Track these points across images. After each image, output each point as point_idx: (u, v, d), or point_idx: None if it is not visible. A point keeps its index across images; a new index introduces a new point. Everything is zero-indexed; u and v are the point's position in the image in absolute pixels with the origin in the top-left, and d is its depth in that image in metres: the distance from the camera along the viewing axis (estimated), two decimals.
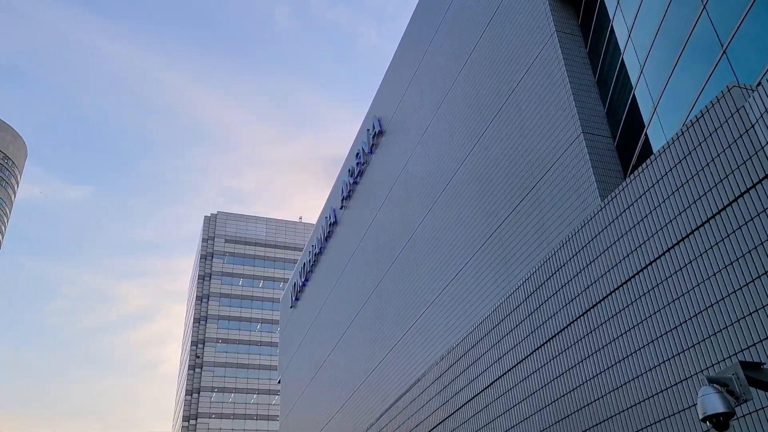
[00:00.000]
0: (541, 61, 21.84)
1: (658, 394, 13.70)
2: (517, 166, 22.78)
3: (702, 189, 13.31)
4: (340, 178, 46.05)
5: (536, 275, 19.29)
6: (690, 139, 14.26)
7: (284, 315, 62.86)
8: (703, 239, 12.78)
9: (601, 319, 16.00)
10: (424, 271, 29.55)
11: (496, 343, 20.94)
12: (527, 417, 18.55)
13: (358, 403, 36.12)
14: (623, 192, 16.03)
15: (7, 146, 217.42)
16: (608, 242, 16.22)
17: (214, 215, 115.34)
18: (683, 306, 13.62)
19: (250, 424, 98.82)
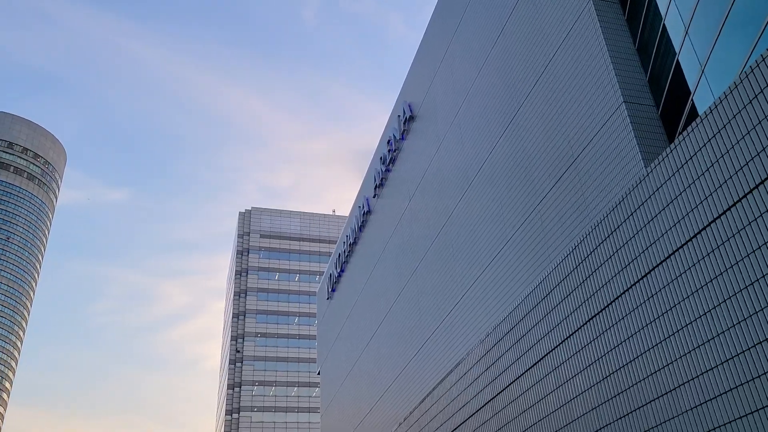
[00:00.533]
0: (577, 30, 21.00)
1: (721, 365, 12.93)
2: (554, 142, 22.02)
3: (752, 152, 12.46)
4: (372, 167, 45.64)
5: (577, 251, 18.59)
6: (737, 100, 13.40)
7: (321, 307, 62.92)
8: (752, 207, 11.96)
9: (648, 294, 15.24)
10: (461, 255, 28.97)
11: (538, 322, 20.34)
12: (575, 396, 17.92)
13: (398, 391, 35.80)
14: (668, 158, 15.21)
15: (47, 152, 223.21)
16: (653, 212, 15.44)
17: (248, 211, 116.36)
18: (738, 275, 12.81)
19: (292, 416, 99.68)
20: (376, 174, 44.07)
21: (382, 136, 43.75)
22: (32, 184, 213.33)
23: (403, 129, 39.00)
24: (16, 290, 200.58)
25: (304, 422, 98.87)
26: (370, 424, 40.71)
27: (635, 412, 15.40)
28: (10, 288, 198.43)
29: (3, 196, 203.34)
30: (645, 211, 15.80)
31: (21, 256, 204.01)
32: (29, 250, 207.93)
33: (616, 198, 17.54)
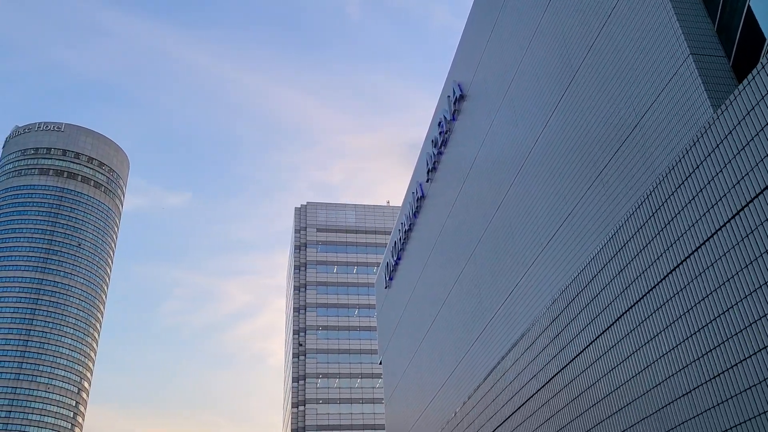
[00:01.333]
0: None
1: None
2: (615, 106, 20.77)
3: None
4: (424, 151, 44.88)
5: (642, 209, 17.41)
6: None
7: (379, 296, 62.67)
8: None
9: (719, 253, 13.99)
10: (519, 234, 27.94)
11: (606, 286, 19.23)
12: (649, 364, 16.81)
13: (461, 377, 35.05)
14: (737, 101, 13.89)
15: (111, 160, 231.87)
16: (724, 161, 14.16)
17: (304, 206, 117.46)
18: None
19: (357, 407, 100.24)
20: (428, 158, 43.29)
21: (433, 118, 42.92)
22: (99, 192, 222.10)
23: (453, 109, 38.07)
24: (89, 294, 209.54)
25: (369, 413, 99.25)
26: (434, 411, 40.12)
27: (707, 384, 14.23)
28: (84, 292, 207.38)
29: (73, 204, 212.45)
30: (713, 160, 14.53)
31: (92, 261, 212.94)
32: (99, 255, 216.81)
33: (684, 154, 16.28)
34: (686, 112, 16.97)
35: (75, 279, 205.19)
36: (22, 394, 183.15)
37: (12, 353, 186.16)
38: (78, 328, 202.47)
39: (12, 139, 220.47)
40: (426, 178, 44.00)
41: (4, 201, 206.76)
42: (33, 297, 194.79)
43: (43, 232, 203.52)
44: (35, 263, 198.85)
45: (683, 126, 17.08)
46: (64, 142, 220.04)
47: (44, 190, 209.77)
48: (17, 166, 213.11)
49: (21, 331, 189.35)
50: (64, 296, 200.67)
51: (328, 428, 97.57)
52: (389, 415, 57.22)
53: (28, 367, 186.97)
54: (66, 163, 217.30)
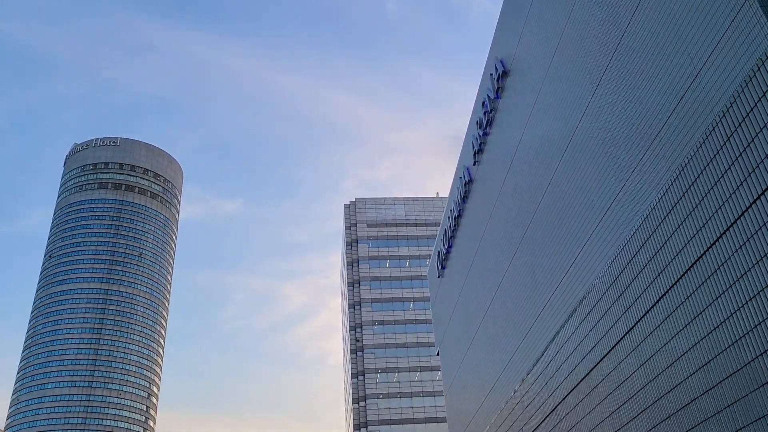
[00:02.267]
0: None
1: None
2: (670, 61, 19.34)
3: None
4: (470, 134, 43.76)
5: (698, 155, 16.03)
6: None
7: (433, 286, 61.82)
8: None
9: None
10: (574, 207, 26.64)
11: (675, 230, 17.91)
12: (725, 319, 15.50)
13: (520, 359, 33.89)
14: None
15: (166, 170, 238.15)
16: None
17: (352, 202, 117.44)
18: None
19: (417, 401, 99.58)
20: (473, 140, 42.17)
21: (476, 99, 41.75)
22: (156, 202, 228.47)
23: (497, 87, 36.85)
24: (153, 302, 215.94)
25: (431, 406, 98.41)
26: (493, 399, 39.04)
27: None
28: (148, 300, 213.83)
29: (132, 216, 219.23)
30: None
31: (154, 270, 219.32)
32: (160, 263, 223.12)
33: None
34: (749, 57, 15.53)
35: (138, 288, 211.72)
36: (96, 401, 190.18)
37: (84, 362, 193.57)
38: (144, 335, 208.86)
39: (72, 156, 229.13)
40: (473, 161, 42.89)
41: (69, 216, 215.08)
42: (100, 307, 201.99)
43: (106, 244, 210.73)
44: (101, 274, 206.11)
45: (745, 71, 15.64)
46: (120, 155, 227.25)
47: (104, 203, 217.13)
48: (78, 182, 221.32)
49: (91, 340, 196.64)
50: (130, 305, 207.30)
51: (389, 423, 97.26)
52: (450, 407, 56.32)
53: (100, 374, 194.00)
54: (123, 176, 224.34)
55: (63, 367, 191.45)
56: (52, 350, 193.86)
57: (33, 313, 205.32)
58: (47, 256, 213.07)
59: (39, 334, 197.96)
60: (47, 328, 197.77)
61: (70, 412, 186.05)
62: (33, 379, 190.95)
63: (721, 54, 16.82)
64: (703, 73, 17.70)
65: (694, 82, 18.13)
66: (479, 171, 42.48)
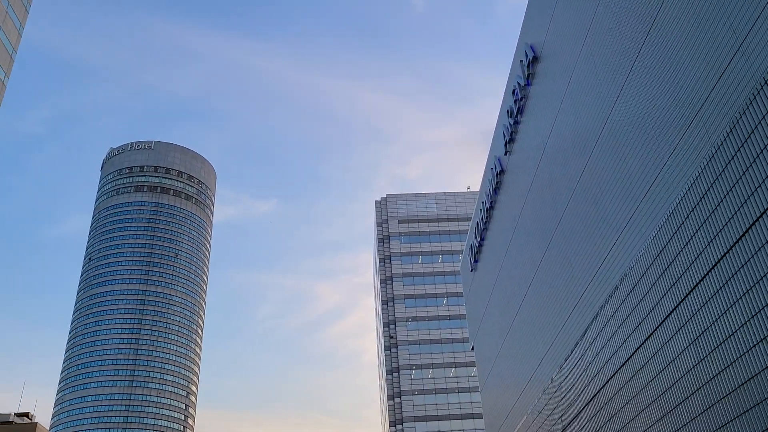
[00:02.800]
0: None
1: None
2: (710, 34, 18.47)
3: None
4: (500, 123, 42.99)
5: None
6: None
7: (466, 281, 61.13)
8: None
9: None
10: (611, 191, 25.80)
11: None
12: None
13: (557, 352, 33.07)
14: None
15: (199, 172, 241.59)
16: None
17: (384, 199, 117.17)
18: None
19: (453, 397, 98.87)
20: (504, 130, 41.40)
21: (506, 87, 40.97)
22: (190, 204, 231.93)
23: (527, 73, 36.06)
24: (190, 302, 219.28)
25: (466, 402, 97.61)
26: (531, 390, 38.27)
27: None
28: (185, 300, 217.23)
29: (168, 218, 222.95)
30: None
31: (190, 270, 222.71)
32: (196, 264, 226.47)
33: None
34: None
35: (175, 288, 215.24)
36: (137, 399, 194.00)
37: (125, 362, 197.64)
38: (182, 334, 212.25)
39: (108, 160, 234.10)
40: (504, 151, 42.13)
41: (106, 219, 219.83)
42: (139, 308, 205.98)
43: (143, 246, 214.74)
44: (139, 276, 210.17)
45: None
46: (155, 159, 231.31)
47: (140, 206, 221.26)
48: (115, 186, 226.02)
49: (131, 340, 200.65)
50: (167, 305, 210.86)
51: (425, 419, 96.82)
52: (486, 402, 55.60)
53: (140, 374, 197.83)
54: (158, 178, 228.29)
55: (104, 366, 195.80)
56: (93, 350, 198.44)
57: (75, 314, 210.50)
58: (87, 258, 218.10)
59: (81, 335, 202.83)
60: (89, 329, 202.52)
61: (112, 411, 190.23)
62: (76, 379, 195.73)
63: (766, 22, 15.95)
64: (746, 45, 16.84)
65: (737, 55, 17.27)
66: (511, 161, 41.71)
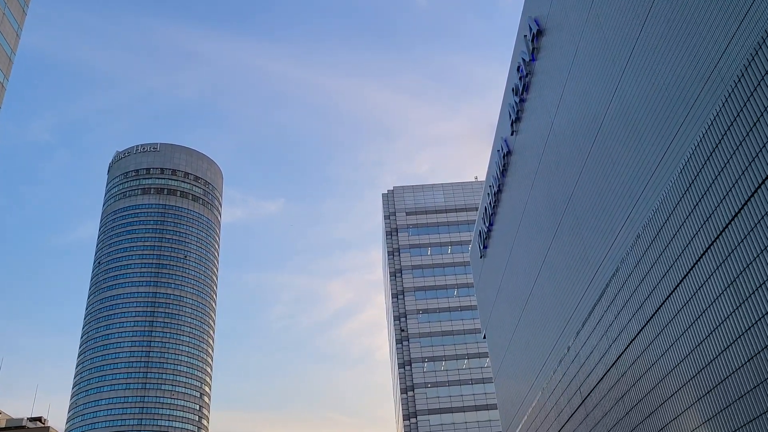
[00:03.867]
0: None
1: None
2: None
3: None
4: (506, 103, 41.87)
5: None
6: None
7: (476, 268, 60.06)
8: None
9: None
10: (622, 165, 24.68)
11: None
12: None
13: (574, 321, 31.97)
14: None
15: (206, 173, 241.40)
16: None
17: (390, 191, 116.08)
18: None
19: (467, 389, 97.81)
20: (510, 109, 40.28)
21: (511, 64, 39.85)
22: (197, 205, 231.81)
23: (532, 48, 34.92)
24: (200, 303, 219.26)
25: (480, 393, 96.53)
26: (546, 372, 37.20)
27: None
28: (195, 302, 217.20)
29: (175, 219, 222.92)
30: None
31: (199, 271, 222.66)
32: (205, 265, 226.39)
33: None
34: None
35: (185, 290, 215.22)
36: (150, 402, 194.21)
37: (137, 364, 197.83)
38: (193, 336, 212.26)
39: (115, 164, 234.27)
40: (510, 131, 41.02)
41: (115, 223, 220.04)
42: (150, 310, 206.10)
43: (151, 248, 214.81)
44: (148, 278, 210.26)
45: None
46: (161, 160, 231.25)
47: (148, 208, 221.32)
48: (122, 189, 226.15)
49: (143, 343, 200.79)
50: (178, 306, 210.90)
51: (439, 411, 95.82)
52: (500, 390, 54.57)
53: (153, 376, 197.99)
54: (165, 180, 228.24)
55: (117, 370, 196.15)
56: (105, 354, 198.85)
57: (86, 318, 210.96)
58: (96, 262, 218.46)
59: (92, 339, 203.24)
60: (100, 332, 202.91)
61: (126, 414, 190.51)
62: (89, 383, 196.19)
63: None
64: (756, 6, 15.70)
65: (745, 19, 16.13)
66: (517, 141, 40.59)
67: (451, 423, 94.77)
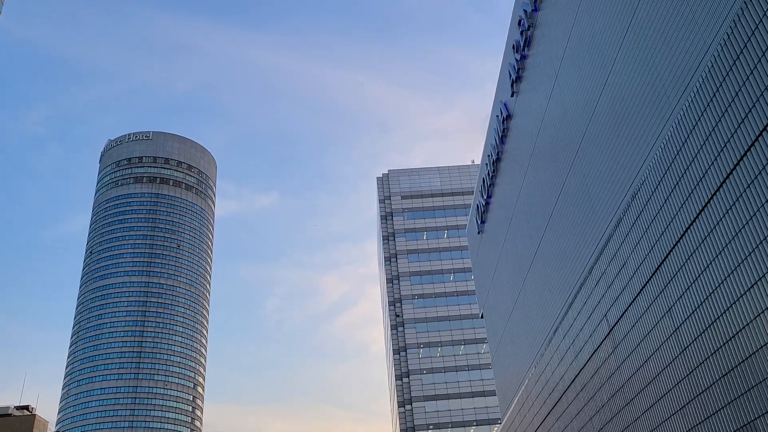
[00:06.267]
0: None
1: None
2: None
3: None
4: (505, 62, 39.52)
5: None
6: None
7: (473, 245, 57.83)
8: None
9: None
10: (638, 108, 22.38)
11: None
12: None
13: (570, 287, 29.69)
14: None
15: (199, 161, 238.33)
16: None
17: (385, 174, 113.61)
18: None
19: (463, 375, 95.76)
20: (510, 68, 37.94)
21: (512, 20, 37.46)
22: (191, 194, 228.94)
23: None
24: (194, 293, 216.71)
25: (477, 380, 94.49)
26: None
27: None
28: (189, 292, 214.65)
29: (168, 208, 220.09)
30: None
31: (193, 261, 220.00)
32: (199, 255, 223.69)
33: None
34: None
35: (179, 279, 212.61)
36: (143, 392, 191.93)
37: (129, 354, 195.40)
38: (187, 326, 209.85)
39: (106, 152, 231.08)
40: (510, 93, 38.68)
41: (107, 212, 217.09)
42: (142, 300, 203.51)
43: (144, 237, 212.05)
44: (141, 267, 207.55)
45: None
46: (153, 149, 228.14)
47: (141, 197, 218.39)
48: (114, 178, 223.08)
49: (135, 333, 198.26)
50: (171, 296, 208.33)
51: (435, 398, 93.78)
52: (498, 373, 52.43)
53: (145, 366, 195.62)
54: (157, 169, 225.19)
55: (109, 360, 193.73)
56: (98, 344, 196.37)
57: (78, 308, 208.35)
58: (88, 252, 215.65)
59: (84, 329, 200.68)
60: (92, 322, 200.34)
61: (118, 404, 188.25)
62: (81, 373, 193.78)
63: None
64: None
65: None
66: (518, 103, 38.26)
67: (446, 409, 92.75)
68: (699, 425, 15.70)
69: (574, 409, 26.65)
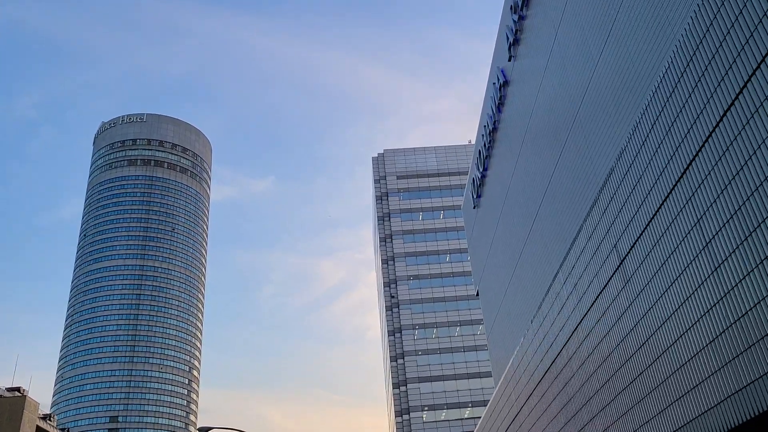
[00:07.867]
0: None
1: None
2: None
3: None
4: (503, 25, 37.81)
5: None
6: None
7: (469, 220, 56.41)
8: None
9: None
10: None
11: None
12: None
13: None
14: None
15: (194, 144, 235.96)
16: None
17: (381, 154, 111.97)
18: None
19: (459, 356, 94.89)
20: (508, 31, 36.25)
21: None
22: (186, 177, 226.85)
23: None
24: (189, 277, 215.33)
25: (473, 361, 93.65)
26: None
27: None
28: (184, 275, 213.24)
29: (163, 191, 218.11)
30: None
31: (187, 245, 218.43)
32: (194, 238, 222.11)
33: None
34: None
35: (173, 263, 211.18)
36: (138, 375, 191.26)
37: (124, 337, 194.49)
38: (182, 309, 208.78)
39: (100, 135, 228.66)
40: (507, 57, 37.01)
41: (101, 194, 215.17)
42: (137, 283, 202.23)
43: (138, 220, 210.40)
44: (135, 251, 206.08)
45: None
46: (147, 131, 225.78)
47: (135, 180, 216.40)
48: (107, 160, 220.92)
49: (130, 316, 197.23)
50: (165, 280, 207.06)
51: (430, 379, 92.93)
52: (493, 352, 51.23)
53: (140, 349, 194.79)
54: (152, 151, 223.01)
55: (104, 343, 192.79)
56: (92, 327, 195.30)
57: (72, 291, 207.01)
58: (82, 234, 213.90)
59: (79, 312, 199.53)
60: (86, 305, 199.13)
61: (113, 387, 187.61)
62: (75, 356, 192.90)
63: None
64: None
65: None
66: (516, 67, 36.60)
67: (442, 391, 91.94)
68: (732, 362, 13.77)
69: (575, 363, 25.27)
